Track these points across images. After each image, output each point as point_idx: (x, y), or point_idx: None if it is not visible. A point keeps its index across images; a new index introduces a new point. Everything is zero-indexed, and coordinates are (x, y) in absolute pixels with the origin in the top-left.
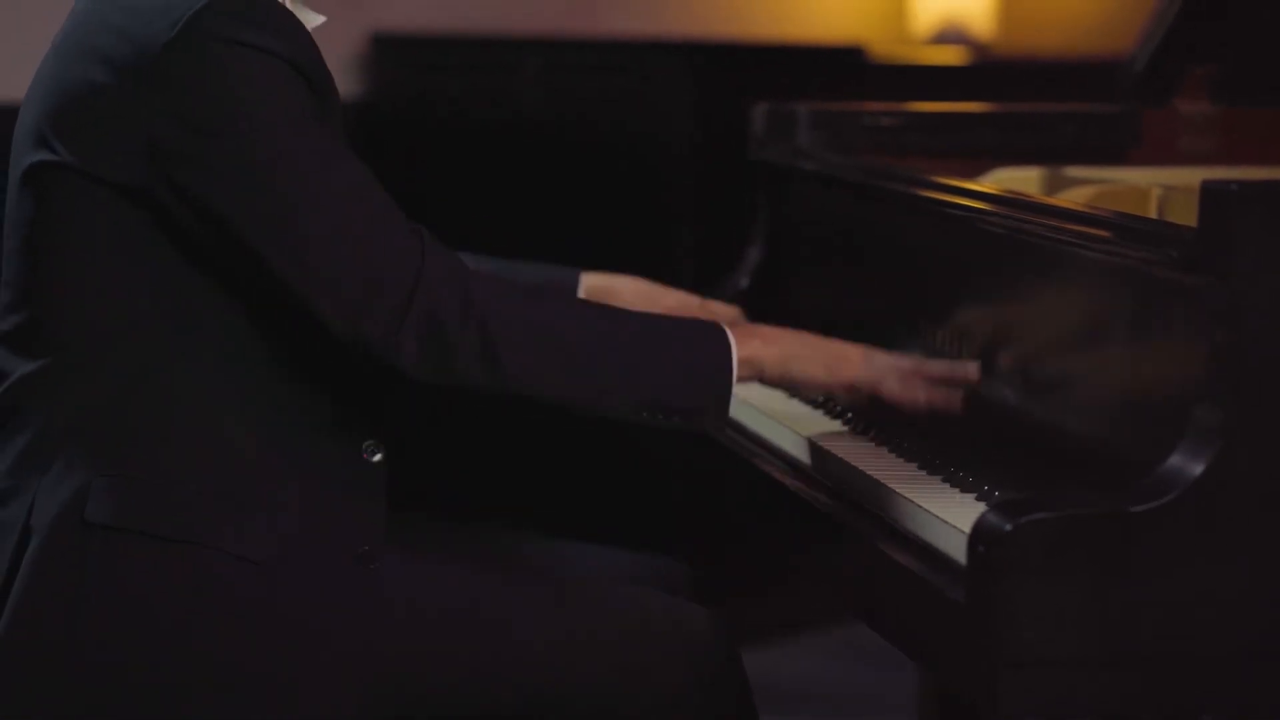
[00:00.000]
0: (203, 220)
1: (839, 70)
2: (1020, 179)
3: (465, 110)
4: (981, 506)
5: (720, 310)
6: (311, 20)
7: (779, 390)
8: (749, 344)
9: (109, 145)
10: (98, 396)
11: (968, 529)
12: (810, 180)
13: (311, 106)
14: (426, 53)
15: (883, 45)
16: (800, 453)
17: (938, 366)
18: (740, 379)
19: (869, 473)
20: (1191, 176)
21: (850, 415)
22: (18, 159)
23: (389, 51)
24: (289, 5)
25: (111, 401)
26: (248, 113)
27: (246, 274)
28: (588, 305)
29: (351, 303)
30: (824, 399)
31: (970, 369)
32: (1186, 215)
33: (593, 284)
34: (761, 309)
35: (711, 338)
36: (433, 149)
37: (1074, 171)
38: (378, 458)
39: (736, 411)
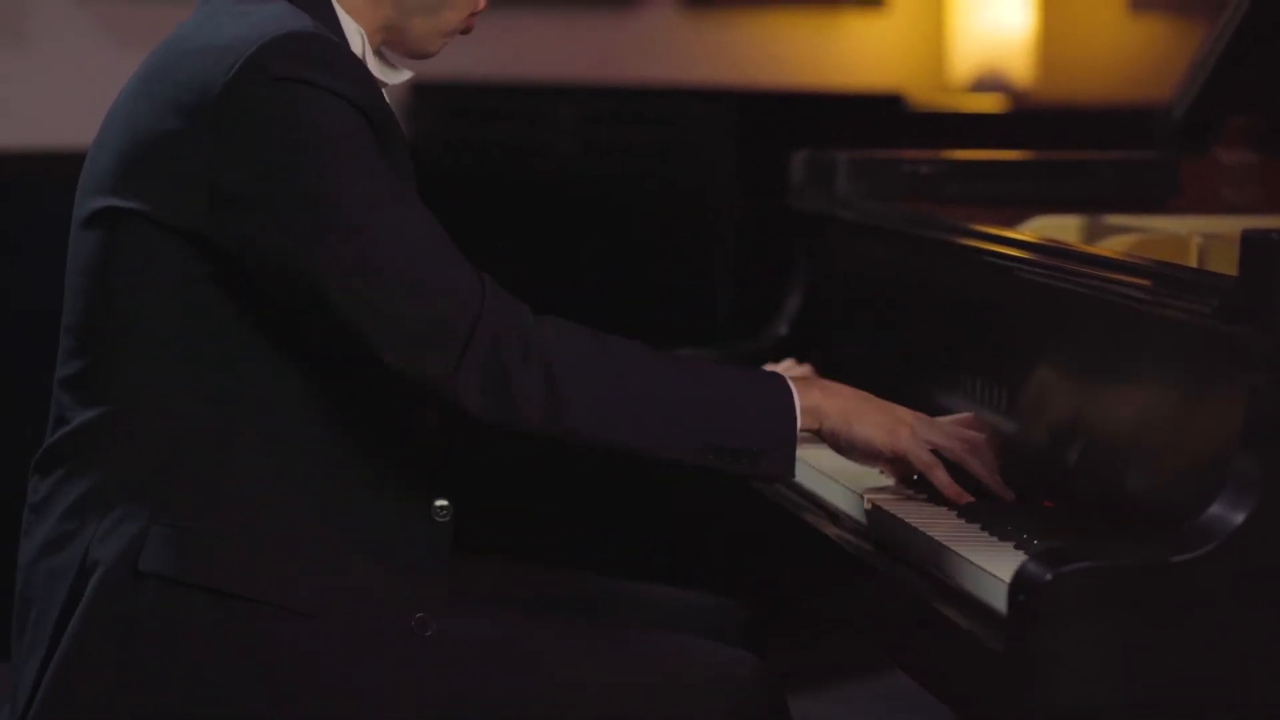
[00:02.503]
0: (263, 263)
1: (878, 118)
2: (1059, 227)
3: (503, 158)
4: (1021, 555)
5: (788, 369)
6: (398, 76)
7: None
8: (811, 394)
9: (174, 191)
10: (156, 448)
11: (1008, 578)
12: (849, 228)
13: (374, 147)
14: (466, 101)
15: (922, 93)
16: (840, 500)
17: (993, 460)
18: (803, 427)
19: (909, 521)
20: (1232, 225)
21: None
22: (84, 203)
23: (429, 100)
24: (374, 59)
25: (170, 453)
26: (307, 149)
27: (309, 323)
28: (651, 352)
29: (412, 341)
30: None
31: (1007, 493)
32: (1227, 264)
33: None
34: (800, 357)
35: (774, 384)
36: (471, 197)
37: (1113, 220)
38: (445, 518)
39: None
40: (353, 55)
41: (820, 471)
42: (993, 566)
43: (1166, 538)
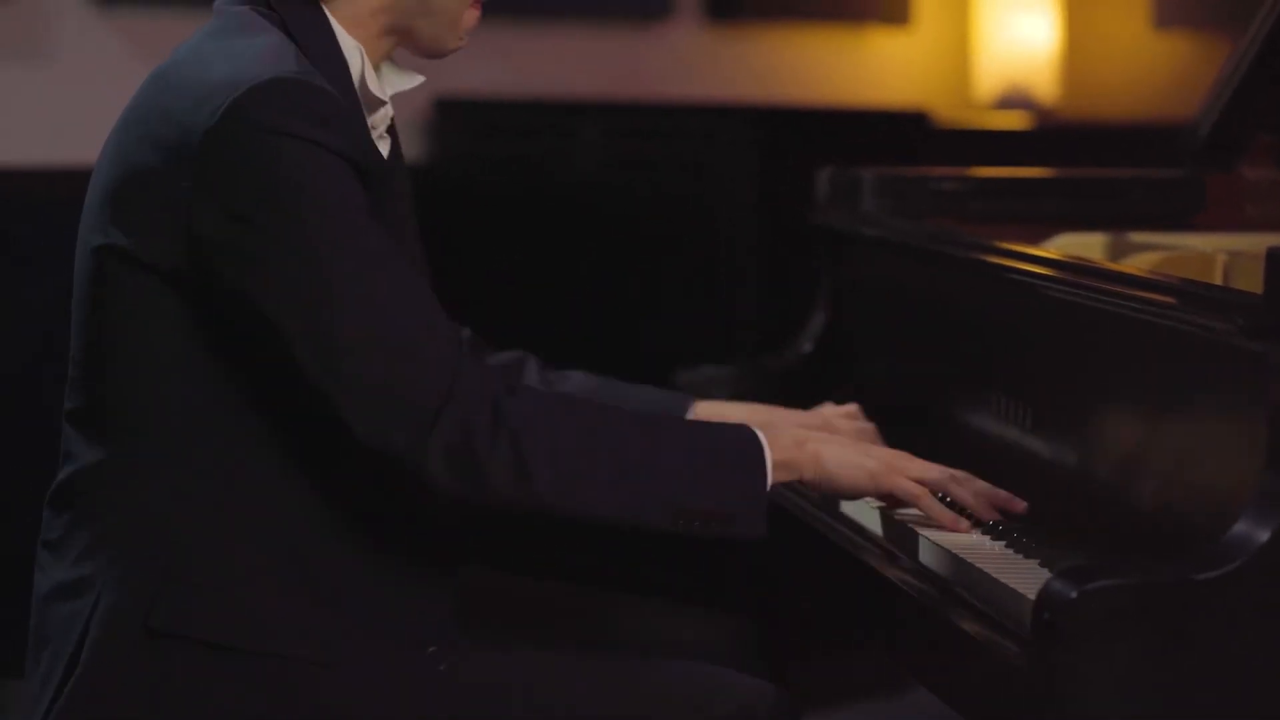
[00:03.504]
0: (241, 313)
1: (903, 135)
2: (1084, 244)
3: (526, 174)
4: (1045, 573)
5: (833, 415)
6: (408, 82)
7: None
8: (783, 447)
9: (156, 231)
10: (159, 496)
11: (1032, 595)
12: (874, 245)
13: (361, 200)
14: (488, 117)
15: (946, 110)
16: (862, 517)
17: (982, 487)
18: (778, 481)
19: (932, 538)
20: (1257, 242)
21: None
22: (81, 236)
23: (450, 115)
24: (373, 76)
25: (172, 504)
26: (286, 203)
27: (290, 379)
28: (621, 417)
29: (379, 415)
30: None
31: (1018, 504)
32: (1252, 281)
33: (704, 411)
34: (824, 374)
35: (745, 445)
36: (493, 213)
37: (1138, 237)
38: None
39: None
40: (338, 101)
41: None
42: (1017, 583)
43: (1191, 555)
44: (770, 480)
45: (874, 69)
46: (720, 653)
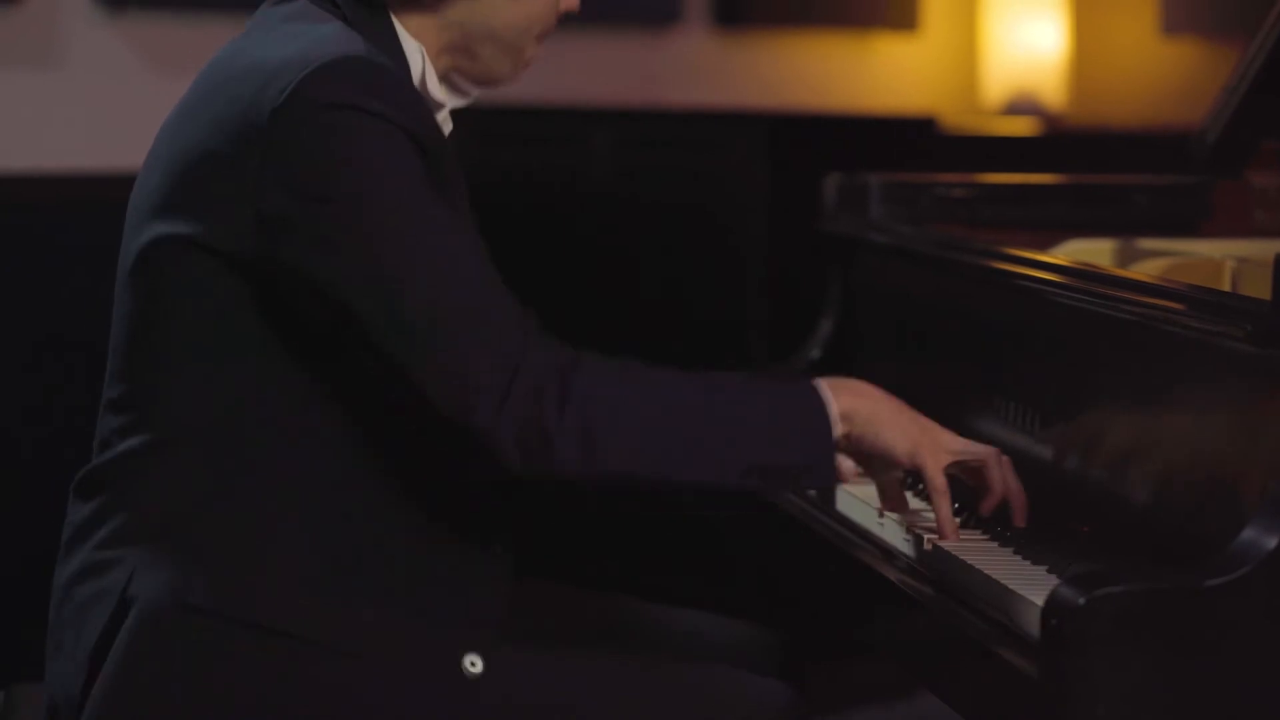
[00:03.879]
0: (309, 291)
1: (910, 141)
2: (1092, 251)
3: (535, 180)
4: (1054, 579)
5: None
6: (460, 99)
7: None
8: (842, 398)
9: (221, 215)
10: (199, 480)
11: (1041, 602)
12: (882, 252)
13: (424, 174)
14: (497, 123)
15: (954, 116)
16: (870, 524)
17: (1014, 484)
18: (837, 435)
19: (941, 544)
20: (1265, 249)
21: (921, 487)
22: (133, 225)
23: (460, 123)
24: (434, 78)
25: (213, 486)
26: (355, 177)
27: (353, 356)
28: (685, 379)
29: (449, 390)
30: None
31: (1022, 519)
32: (1260, 288)
33: None
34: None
35: (810, 396)
36: (502, 220)
37: (1146, 243)
38: (501, 559)
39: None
40: (405, 79)
41: (850, 494)
42: (1026, 590)
43: (1200, 562)
44: (837, 430)
45: (882, 75)
46: (735, 657)
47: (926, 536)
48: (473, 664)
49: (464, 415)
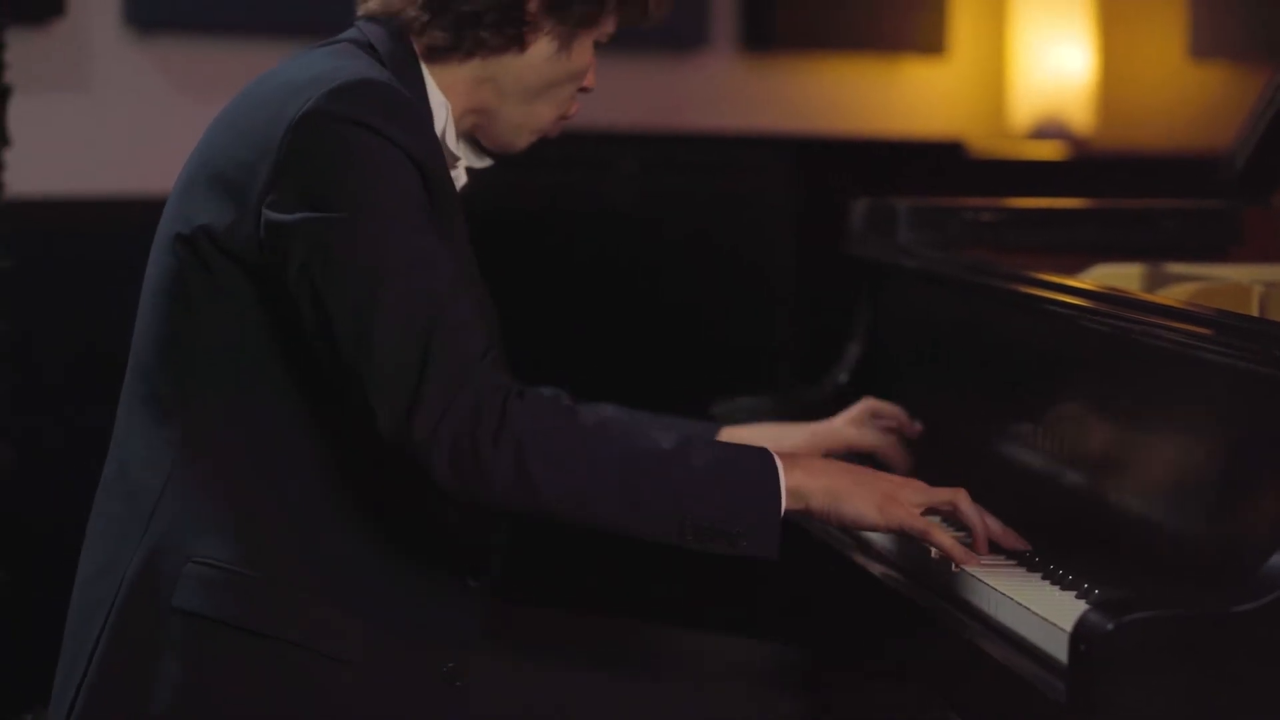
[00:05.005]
0: (295, 291)
1: (938, 165)
2: (1120, 275)
3: (562, 204)
4: (1082, 604)
5: (842, 425)
6: (479, 161)
7: None
8: (794, 474)
9: (234, 215)
10: (204, 482)
11: (1069, 627)
12: (910, 276)
13: (421, 201)
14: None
15: (982, 140)
16: (898, 547)
17: (992, 525)
18: (788, 509)
19: (968, 569)
20: None
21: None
22: (162, 226)
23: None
24: (454, 135)
25: (217, 488)
26: (352, 187)
27: (330, 363)
28: (632, 429)
29: (395, 394)
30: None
31: (1020, 543)
32: None
33: (727, 437)
34: None
35: (758, 465)
36: (528, 244)
37: (1174, 268)
38: (477, 581)
39: None
40: (417, 109)
41: None
42: (1054, 615)
43: (1228, 587)
44: (784, 503)
45: (909, 99)
46: (757, 677)
47: (956, 564)
48: (456, 674)
49: (402, 427)
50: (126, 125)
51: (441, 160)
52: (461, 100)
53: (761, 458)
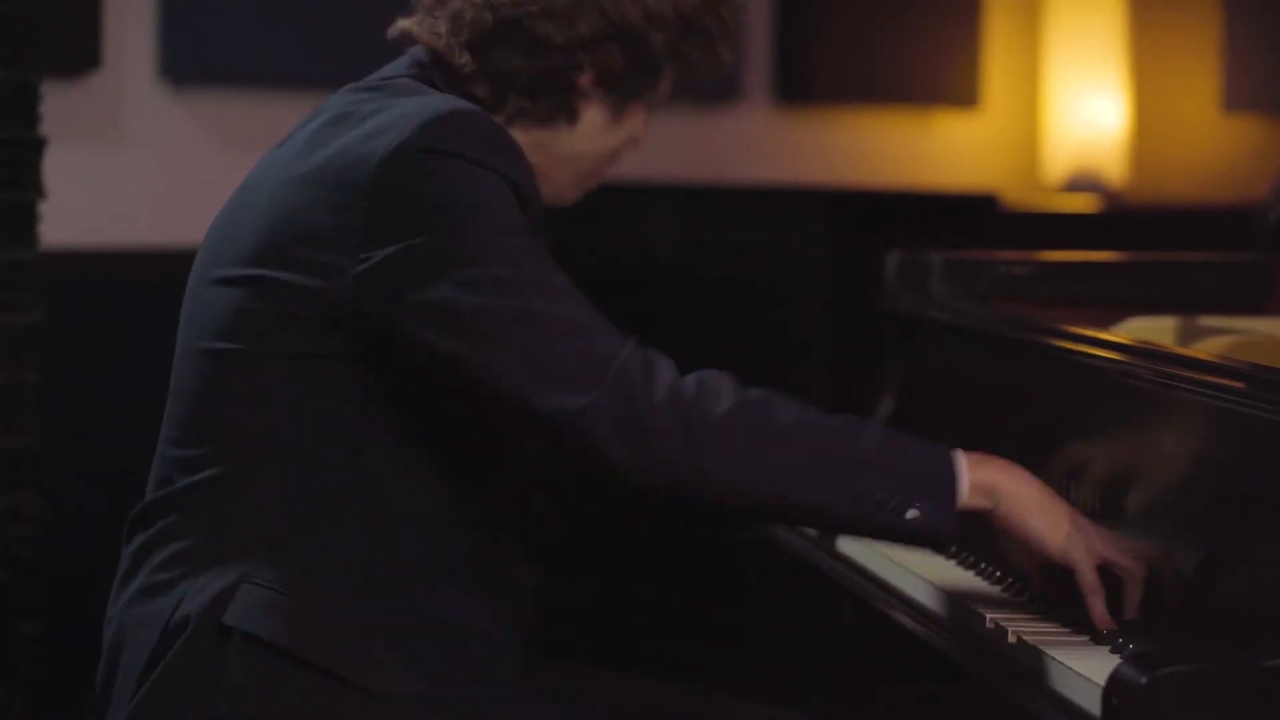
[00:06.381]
0: (405, 328)
1: (972, 218)
2: (1154, 329)
3: (596, 256)
4: (1115, 659)
5: None
6: None
7: None
8: (986, 469)
9: (324, 263)
10: (261, 515)
11: (1102, 681)
12: (943, 329)
13: (525, 224)
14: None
15: (1015, 193)
16: (928, 599)
17: (1136, 594)
18: (972, 504)
19: (1000, 623)
20: None
21: (984, 566)
22: (213, 269)
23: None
24: None
25: (274, 521)
26: (455, 214)
27: (440, 392)
28: (803, 405)
29: (548, 374)
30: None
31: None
32: None
33: None
34: None
35: (937, 448)
36: None
37: (1208, 321)
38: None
39: (862, 557)
40: (506, 133)
41: (899, 564)
42: (1087, 669)
43: (1262, 641)
44: (964, 482)
45: (943, 152)
46: None
47: (989, 616)
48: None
49: (560, 405)
50: (161, 177)
51: (536, 187)
52: None
53: (941, 446)
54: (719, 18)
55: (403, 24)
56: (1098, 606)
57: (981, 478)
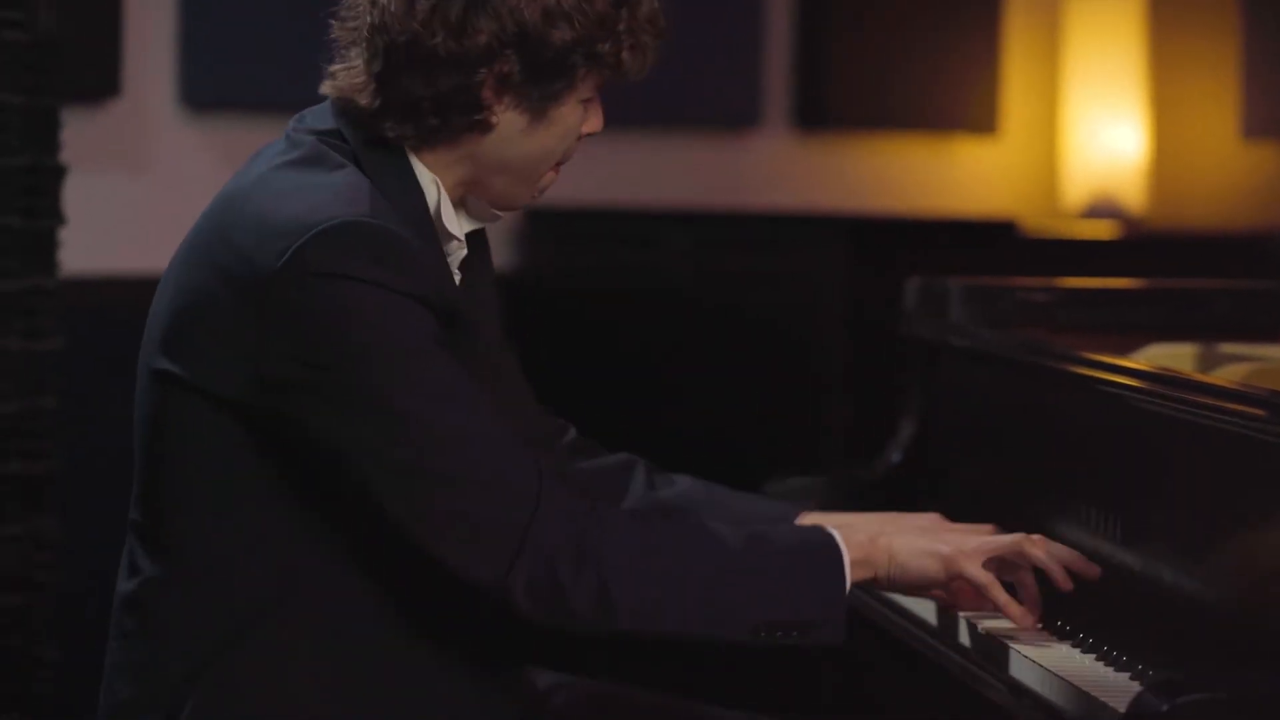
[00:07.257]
0: (311, 449)
1: (991, 245)
2: (1173, 356)
3: (615, 283)
4: (1136, 686)
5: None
6: (476, 224)
7: None
8: (858, 544)
9: (220, 363)
10: (210, 618)
11: (1124, 708)
12: (962, 356)
13: (434, 335)
14: (577, 226)
15: (1034, 220)
16: (949, 626)
17: (1059, 550)
18: (856, 580)
19: (1023, 650)
20: None
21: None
22: (143, 358)
23: (541, 225)
24: (450, 210)
25: (225, 628)
26: (354, 347)
27: (362, 512)
28: (700, 535)
29: (462, 546)
30: None
31: (1092, 569)
32: None
33: (808, 522)
34: (913, 485)
35: (824, 551)
36: (583, 322)
37: (1228, 348)
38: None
39: None
40: (403, 241)
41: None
42: (1108, 697)
43: None
44: (849, 582)
45: (962, 178)
46: None
47: (1011, 645)
48: None
49: (475, 574)
50: (181, 204)
51: (447, 283)
52: (449, 176)
53: (825, 543)
54: (632, 15)
55: (332, 68)
56: (999, 594)
57: (856, 556)
